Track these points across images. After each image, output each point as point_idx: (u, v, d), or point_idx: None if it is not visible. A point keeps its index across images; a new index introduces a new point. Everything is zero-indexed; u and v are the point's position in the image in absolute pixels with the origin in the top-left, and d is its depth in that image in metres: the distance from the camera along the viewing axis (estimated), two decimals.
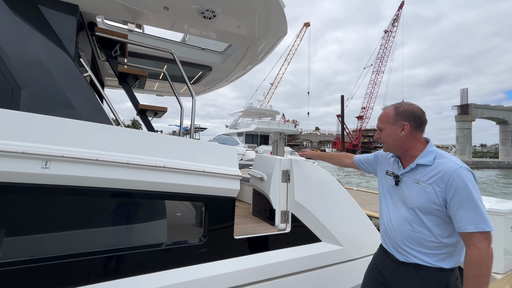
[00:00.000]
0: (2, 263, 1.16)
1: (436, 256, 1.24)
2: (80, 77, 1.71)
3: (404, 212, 1.32)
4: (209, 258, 1.59)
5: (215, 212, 1.64)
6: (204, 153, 1.63)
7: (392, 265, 1.37)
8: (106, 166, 1.29)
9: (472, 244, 1.13)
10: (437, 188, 1.21)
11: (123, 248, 1.40)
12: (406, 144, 1.35)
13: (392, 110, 1.37)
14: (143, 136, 1.49)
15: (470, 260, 1.13)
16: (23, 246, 1.26)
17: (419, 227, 1.27)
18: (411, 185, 1.31)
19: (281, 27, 2.47)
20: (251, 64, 3.56)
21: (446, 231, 1.24)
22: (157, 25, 2.34)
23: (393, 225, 1.36)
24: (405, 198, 1.33)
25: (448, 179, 1.18)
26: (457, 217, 1.16)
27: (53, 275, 1.23)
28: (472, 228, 1.12)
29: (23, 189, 1.18)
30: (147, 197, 1.47)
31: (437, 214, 1.23)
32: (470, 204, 1.13)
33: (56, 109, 1.54)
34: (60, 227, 1.32)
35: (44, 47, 1.66)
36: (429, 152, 1.31)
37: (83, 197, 1.31)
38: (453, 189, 1.17)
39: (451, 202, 1.18)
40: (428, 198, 1.23)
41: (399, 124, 1.34)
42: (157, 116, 2.65)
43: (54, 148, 1.20)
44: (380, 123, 1.41)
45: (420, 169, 1.30)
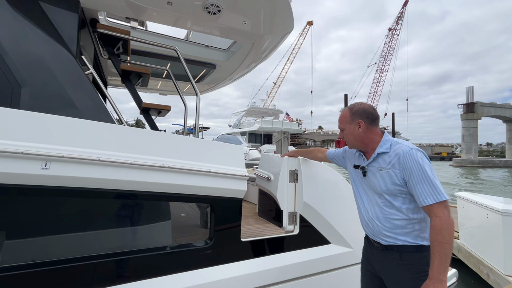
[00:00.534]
0: (1, 268, 1.11)
1: (411, 234, 1.34)
2: (82, 75, 1.65)
3: (376, 199, 1.44)
4: (215, 262, 1.53)
5: (221, 213, 1.58)
6: (209, 153, 1.57)
7: (378, 253, 1.47)
8: (109, 166, 1.24)
9: (434, 214, 1.24)
10: (396, 171, 1.34)
11: (127, 252, 1.34)
12: (365, 139, 1.48)
13: (347, 111, 1.52)
14: (147, 135, 1.44)
15: (434, 228, 1.23)
16: (23, 249, 1.21)
17: (390, 210, 1.38)
18: (375, 173, 1.44)
19: (287, 22, 2.40)
20: (255, 62, 3.50)
21: (413, 208, 1.35)
22: (161, 21, 2.28)
23: (370, 214, 1.47)
24: (373, 186, 1.45)
25: (403, 161, 1.32)
26: (417, 193, 1.28)
27: (54, 279, 1.18)
28: (430, 201, 1.24)
29: (21, 191, 1.13)
30: (151, 198, 1.41)
31: (401, 194, 1.35)
32: (425, 180, 1.26)
33: (57, 107, 1.49)
34: (61, 230, 1.26)
35: (45, 44, 1.61)
36: (385, 142, 1.45)
37: (84, 199, 1.26)
38: (409, 168, 1.29)
39: (409, 181, 1.30)
40: (390, 181, 1.36)
41: (355, 122, 1.48)
42: (160, 115, 2.60)
43: (54, 148, 1.15)
44: (340, 124, 1.55)
45: (380, 157, 1.43)
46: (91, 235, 1.33)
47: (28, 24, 1.60)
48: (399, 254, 1.36)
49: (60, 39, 1.69)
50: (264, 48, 2.98)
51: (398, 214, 1.36)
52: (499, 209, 3.25)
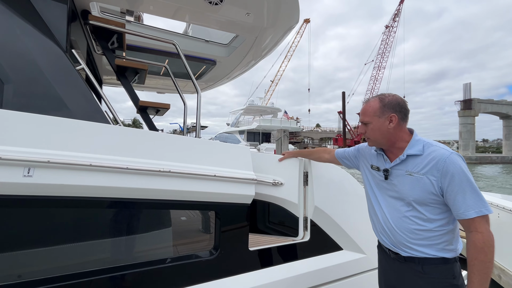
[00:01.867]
0: None
1: (437, 246, 1.21)
2: (72, 71, 1.50)
3: (400, 207, 1.28)
4: (221, 274, 1.39)
5: (227, 221, 1.44)
6: (214, 155, 1.43)
7: (396, 264, 1.33)
8: (102, 172, 1.09)
9: (474, 229, 1.11)
10: (432, 178, 1.17)
11: (121, 267, 1.20)
12: (394, 137, 1.30)
13: (377, 102, 1.30)
14: (145, 136, 1.29)
15: (475, 245, 1.10)
16: (3, 265, 1.06)
17: (418, 220, 1.23)
18: (403, 178, 1.26)
19: (293, 14, 2.26)
20: (254, 60, 3.35)
21: (443, 219, 1.21)
22: (158, 13, 2.13)
23: (390, 223, 1.31)
24: (399, 192, 1.28)
25: (443, 166, 1.15)
26: (456, 203, 1.13)
27: None
28: (472, 214, 1.10)
29: (1, 202, 0.98)
30: (149, 207, 1.26)
31: (434, 203, 1.20)
32: (468, 189, 1.11)
33: (45, 106, 1.33)
34: (47, 244, 1.11)
35: (31, 38, 1.46)
36: (416, 142, 1.27)
37: (74, 209, 1.11)
38: (449, 176, 1.14)
39: (448, 189, 1.14)
40: (424, 188, 1.19)
41: (386, 116, 1.28)
42: (159, 113, 2.44)
43: (39, 152, 1.00)
44: (365, 116, 1.33)
45: (410, 160, 1.26)
46: (80, 249, 1.18)
47: (12, 16, 1.44)
48: (422, 267, 1.22)
49: (48, 32, 1.54)
50: (266, 44, 2.83)
51: (426, 225, 1.21)
52: (511, 208, 3.14)
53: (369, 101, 1.34)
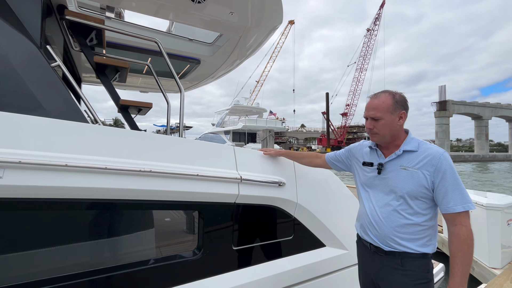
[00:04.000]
0: None
1: (420, 241, 1.27)
2: (47, 67, 1.43)
3: (391, 201, 1.32)
4: (205, 274, 1.38)
5: (211, 221, 1.43)
6: (196, 154, 1.42)
7: (376, 258, 1.37)
8: (78, 172, 1.05)
9: (459, 222, 1.19)
10: (426, 172, 1.24)
11: (99, 270, 1.16)
12: (397, 134, 1.35)
13: (390, 98, 1.32)
14: (124, 135, 1.26)
15: (459, 237, 1.18)
16: None
17: (407, 214, 1.28)
18: (397, 172, 1.31)
19: (276, 15, 2.28)
20: (239, 59, 3.36)
21: (429, 215, 1.28)
22: (140, 10, 2.08)
23: (380, 218, 1.34)
24: (391, 185, 1.32)
25: (437, 162, 1.23)
26: (446, 198, 1.20)
27: None
28: (459, 208, 1.18)
29: None
30: (130, 207, 1.23)
31: (424, 197, 1.26)
32: (457, 186, 1.20)
33: (17, 105, 1.26)
34: (20, 248, 1.06)
35: (2, 32, 1.38)
36: (412, 140, 1.35)
37: (49, 211, 1.06)
38: (442, 172, 1.21)
39: (439, 184, 1.22)
40: (417, 182, 1.25)
41: (397, 113, 1.32)
42: (141, 113, 2.38)
43: (9, 152, 0.95)
44: (377, 111, 1.32)
45: (406, 155, 1.32)
46: (58, 252, 1.13)
47: None
48: (401, 260, 1.28)
49: (21, 26, 1.46)
50: (250, 44, 2.84)
51: (414, 219, 1.27)
52: (484, 203, 3.34)
53: (379, 96, 1.34)
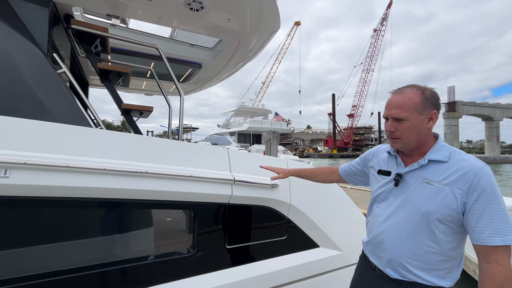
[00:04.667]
0: None
1: (437, 272, 1.04)
2: (53, 74, 1.53)
3: (409, 220, 1.07)
4: (199, 271, 1.45)
5: (204, 220, 1.50)
6: (191, 156, 1.49)
7: (380, 282, 1.16)
8: (79, 173, 1.13)
9: (495, 260, 0.93)
10: (457, 190, 0.98)
11: (100, 265, 1.24)
12: (425, 139, 1.09)
13: (418, 94, 1.06)
14: (122, 138, 1.34)
15: (494, 280, 0.91)
16: None
17: (425, 239, 1.04)
18: (419, 186, 1.07)
19: (273, 20, 2.35)
20: (242, 62, 3.43)
21: (454, 242, 1.04)
22: (142, 19, 2.17)
23: (390, 237, 1.12)
24: (410, 202, 1.08)
25: (473, 179, 0.96)
26: (479, 226, 0.95)
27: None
28: (497, 241, 0.92)
29: None
30: (127, 206, 1.31)
31: (450, 221, 1.01)
32: (497, 211, 0.93)
33: (25, 109, 1.36)
34: (25, 243, 1.15)
35: (10, 40, 1.48)
36: (441, 147, 1.08)
37: (52, 209, 1.14)
38: (478, 191, 0.95)
39: (472, 207, 0.96)
40: (443, 202, 1.00)
41: (427, 113, 1.06)
42: (143, 116, 2.48)
43: (16, 154, 1.04)
44: (402, 111, 1.06)
45: (432, 166, 1.06)
46: (59, 248, 1.22)
47: None
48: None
49: (29, 35, 1.57)
50: (251, 47, 2.91)
51: (434, 246, 1.03)
52: None
53: (405, 92, 1.08)
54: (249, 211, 1.67)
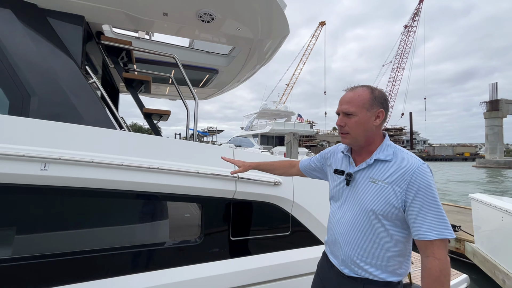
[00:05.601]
0: (8, 259, 1.24)
1: (387, 268, 1.09)
2: (85, 84, 1.79)
3: (357, 218, 1.13)
4: (204, 259, 1.60)
5: (211, 212, 1.65)
6: (199, 154, 1.65)
7: (337, 279, 1.21)
8: (102, 168, 1.35)
9: (431, 254, 0.98)
10: (397, 188, 1.04)
11: (119, 247, 1.44)
12: (372, 137, 1.15)
13: (367, 92, 1.12)
14: (140, 138, 1.54)
15: (431, 273, 0.97)
16: (28, 243, 1.34)
17: (373, 236, 1.09)
18: (366, 185, 1.12)
19: (283, 27, 2.46)
20: (259, 64, 3.56)
21: (400, 239, 1.09)
22: (161, 31, 2.41)
23: (342, 235, 1.17)
24: (358, 200, 1.13)
25: (411, 178, 1.02)
26: (417, 222, 1.00)
27: (48, 271, 1.30)
28: (433, 235, 0.97)
29: (23, 190, 1.26)
30: (143, 198, 1.51)
31: (395, 218, 1.07)
32: (432, 208, 0.99)
33: (62, 114, 1.63)
34: (60, 226, 1.39)
35: (52, 57, 1.76)
36: (387, 147, 1.13)
37: (81, 198, 1.37)
38: (415, 189, 1.01)
39: (411, 204, 1.02)
40: (386, 200, 1.05)
41: (375, 110, 1.11)
42: (162, 119, 2.73)
43: (53, 151, 1.27)
44: (351, 106, 1.11)
45: (377, 165, 1.11)
46: (88, 231, 1.44)
47: (36, 38, 1.75)
48: (363, 286, 1.12)
49: (66, 51, 1.84)
50: (266, 50, 3.04)
51: (382, 243, 1.08)
52: None
53: (355, 89, 1.15)
54: (253, 207, 1.80)
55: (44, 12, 1.81)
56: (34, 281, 1.28)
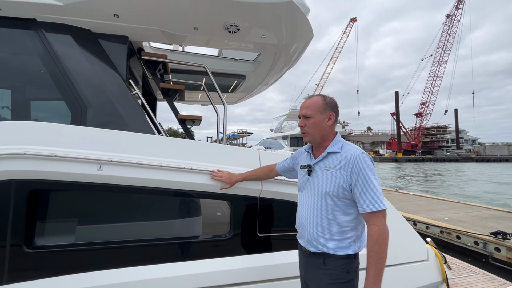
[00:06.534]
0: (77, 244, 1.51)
1: (341, 242, 1.30)
2: (129, 96, 2.05)
3: (316, 201, 1.36)
4: (233, 253, 1.73)
5: (239, 209, 1.79)
6: (227, 156, 1.80)
7: (304, 258, 1.43)
8: (144, 168, 1.56)
9: (372, 222, 1.23)
10: (344, 173, 1.30)
11: (161, 239, 1.64)
12: (326, 135, 1.41)
13: (321, 99, 1.41)
14: (176, 142, 1.74)
15: (372, 238, 1.21)
16: (87, 232, 1.60)
17: (329, 214, 1.32)
18: (322, 173, 1.37)
19: (306, 31, 2.53)
20: (286, 66, 3.66)
21: (352, 215, 1.32)
22: (192, 44, 2.64)
23: (305, 217, 1.40)
24: (317, 186, 1.37)
25: (353, 163, 1.28)
26: (361, 199, 1.25)
27: (104, 256, 1.54)
28: (372, 208, 1.22)
29: (82, 187, 1.51)
30: (180, 195, 1.70)
31: (345, 197, 1.31)
32: (370, 186, 1.24)
33: (111, 122, 1.89)
34: (112, 219, 1.63)
35: (102, 73, 2.05)
36: (337, 142, 1.41)
37: (128, 194, 1.60)
38: (357, 172, 1.27)
39: (355, 185, 1.27)
40: (336, 182, 1.30)
41: (327, 113, 1.39)
42: (195, 124, 2.95)
43: (106, 154, 1.51)
44: (308, 110, 1.40)
45: (330, 156, 1.38)
46: (135, 224, 1.67)
47: (90, 58, 2.05)
48: (324, 260, 1.32)
49: (114, 67, 2.13)
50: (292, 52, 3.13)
51: (334, 219, 1.31)
52: None
53: (312, 97, 1.44)
54: (278, 205, 1.89)
55: (96, 36, 2.12)
56: (92, 264, 1.52)
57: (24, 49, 1.97)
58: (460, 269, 3.31)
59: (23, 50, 1.97)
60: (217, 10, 2.03)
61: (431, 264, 2.22)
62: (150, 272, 1.56)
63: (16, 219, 1.40)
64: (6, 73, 1.96)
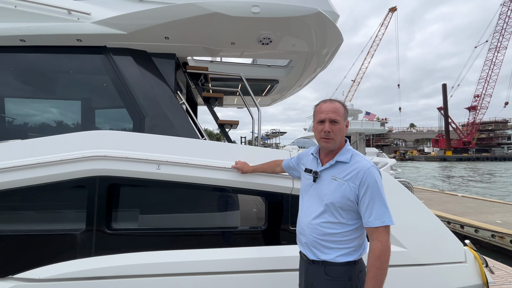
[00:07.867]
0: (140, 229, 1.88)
1: (343, 250, 1.30)
2: (178, 106, 2.41)
3: (319, 209, 1.35)
4: (267, 243, 1.96)
5: (273, 204, 2.00)
6: (261, 156, 2.03)
7: (304, 266, 1.42)
8: (192, 168, 1.87)
9: (376, 238, 1.21)
10: (352, 185, 1.28)
11: (206, 228, 1.95)
12: (343, 141, 1.41)
13: (342, 105, 1.40)
14: (216, 145, 2.03)
15: (374, 253, 1.20)
16: (147, 220, 1.96)
17: (331, 224, 1.31)
18: (329, 182, 1.35)
19: (336, 37, 2.65)
20: (320, 67, 3.78)
21: (355, 225, 1.31)
22: (229, 56, 2.94)
23: (307, 225, 1.38)
24: (321, 194, 1.36)
25: (362, 177, 1.26)
26: (366, 213, 1.24)
27: (163, 240, 1.89)
28: (377, 223, 1.21)
29: (145, 182, 1.87)
30: (221, 190, 1.98)
31: (350, 209, 1.30)
32: (377, 201, 1.23)
33: (164, 129, 2.25)
34: (168, 210, 1.98)
35: (156, 85, 2.43)
36: (347, 151, 1.37)
37: (181, 189, 1.93)
38: (365, 186, 1.25)
39: (362, 198, 1.26)
40: (343, 194, 1.29)
41: (346, 120, 1.41)
42: (232, 128, 3.25)
43: (162, 156, 1.85)
44: (337, 115, 1.35)
45: (338, 166, 1.35)
46: (186, 215, 2.00)
47: (146, 74, 2.45)
48: (324, 268, 1.31)
49: (164, 81, 2.50)
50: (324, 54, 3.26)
51: (337, 228, 1.31)
52: None
53: (334, 102, 1.41)
54: None
55: (150, 55, 2.51)
56: (152, 246, 1.87)
57: (97, 69, 2.44)
58: (508, 275, 3.10)
59: (97, 70, 2.44)
60: (251, 26, 2.27)
61: (469, 266, 2.16)
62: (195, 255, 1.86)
63: (100, 207, 1.79)
64: (89, 90, 2.45)
